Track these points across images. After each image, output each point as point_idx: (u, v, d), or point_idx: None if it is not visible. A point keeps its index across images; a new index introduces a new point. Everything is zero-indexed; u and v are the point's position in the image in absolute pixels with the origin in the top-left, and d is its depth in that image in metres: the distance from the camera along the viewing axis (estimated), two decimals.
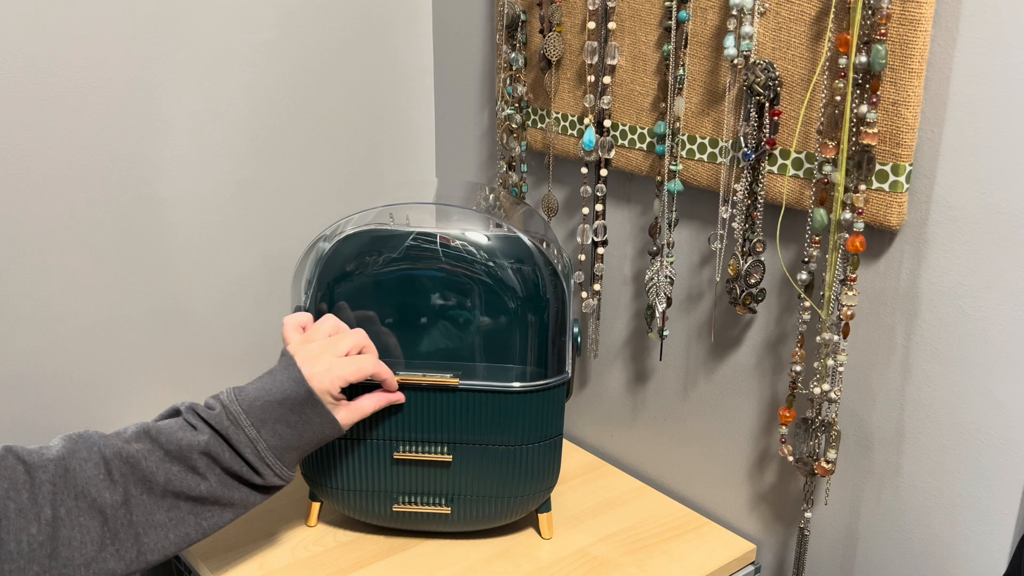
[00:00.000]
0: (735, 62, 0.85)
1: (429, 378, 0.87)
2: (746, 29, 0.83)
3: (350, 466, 0.91)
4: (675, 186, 0.93)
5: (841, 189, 0.78)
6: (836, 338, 0.82)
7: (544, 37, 1.02)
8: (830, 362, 0.83)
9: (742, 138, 0.85)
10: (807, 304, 0.84)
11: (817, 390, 0.84)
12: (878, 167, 0.77)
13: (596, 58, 0.97)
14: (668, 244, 0.96)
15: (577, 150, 1.04)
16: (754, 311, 0.91)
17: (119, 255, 1.05)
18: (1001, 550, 0.79)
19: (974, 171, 0.74)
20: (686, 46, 0.90)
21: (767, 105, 0.83)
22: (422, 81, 1.27)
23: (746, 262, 0.88)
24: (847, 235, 0.79)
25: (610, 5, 0.95)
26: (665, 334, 0.99)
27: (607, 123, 0.98)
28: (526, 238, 0.91)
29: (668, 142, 0.93)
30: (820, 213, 0.80)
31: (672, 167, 0.93)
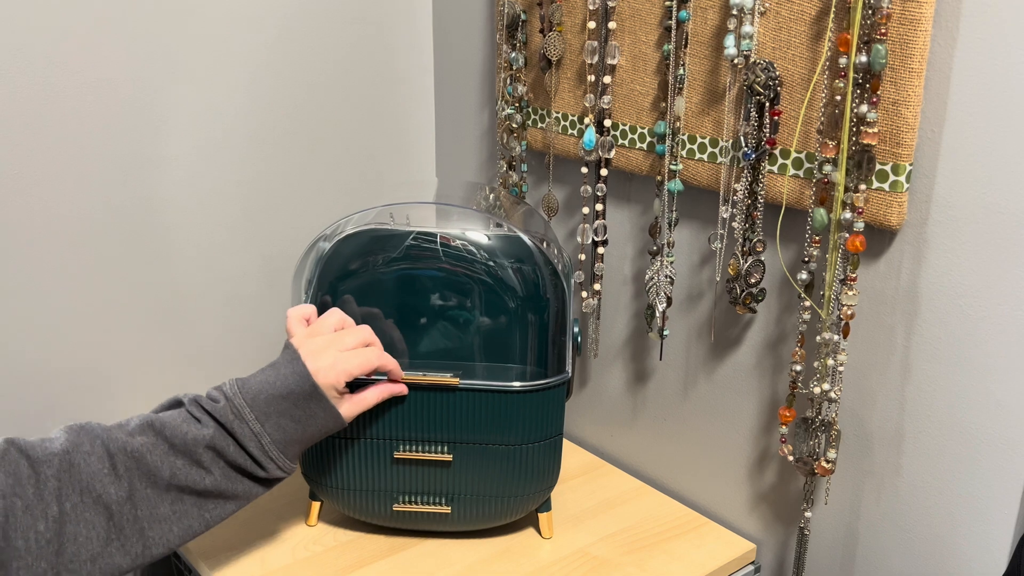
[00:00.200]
0: (735, 62, 0.85)
1: (430, 378, 0.87)
2: (746, 29, 0.83)
3: (350, 465, 0.91)
4: (675, 186, 0.93)
5: (841, 189, 0.78)
6: (836, 338, 0.82)
7: (544, 37, 1.02)
8: (830, 362, 0.83)
9: (742, 138, 0.85)
10: (807, 304, 0.84)
11: (817, 390, 0.84)
12: (878, 167, 0.77)
13: (596, 58, 0.97)
14: (668, 244, 0.96)
15: (577, 150, 1.04)
16: (754, 311, 0.91)
17: (120, 254, 1.05)
18: (1001, 550, 0.79)
19: (974, 171, 0.74)
20: (686, 46, 0.90)
21: (767, 105, 0.83)
22: (422, 81, 1.27)
23: (746, 262, 0.88)
24: (847, 235, 0.79)
25: (610, 5, 0.95)
26: (665, 334, 0.99)
27: (607, 123, 0.98)
28: (526, 237, 0.91)
29: (668, 142, 0.93)
30: (820, 213, 0.80)
31: (672, 167, 0.93)
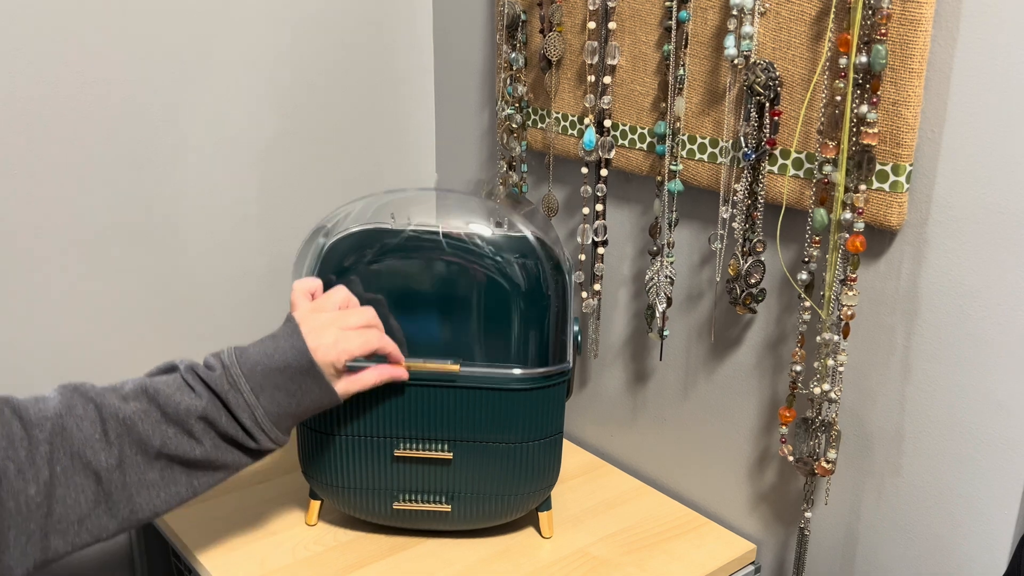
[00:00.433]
0: (735, 62, 0.85)
1: (430, 364, 0.87)
2: (746, 29, 0.83)
3: (350, 464, 0.91)
4: (675, 186, 0.93)
5: (841, 189, 0.78)
6: (836, 338, 0.82)
7: (544, 37, 1.02)
8: (830, 362, 0.83)
9: (742, 138, 0.85)
10: (807, 304, 0.84)
11: (817, 390, 0.84)
12: (878, 167, 0.77)
13: (596, 58, 0.97)
14: (668, 244, 0.96)
15: (577, 150, 1.04)
16: (754, 311, 0.91)
17: (121, 254, 1.05)
18: (1001, 550, 0.79)
19: (974, 171, 0.74)
20: (686, 46, 0.90)
21: (767, 105, 0.83)
22: (422, 81, 1.27)
23: (746, 262, 0.88)
24: (847, 235, 0.79)
25: (610, 5, 0.95)
26: (665, 334, 0.99)
27: (607, 123, 0.98)
28: (528, 232, 0.90)
29: (668, 142, 0.93)
30: (820, 213, 0.80)
31: (672, 167, 0.93)
